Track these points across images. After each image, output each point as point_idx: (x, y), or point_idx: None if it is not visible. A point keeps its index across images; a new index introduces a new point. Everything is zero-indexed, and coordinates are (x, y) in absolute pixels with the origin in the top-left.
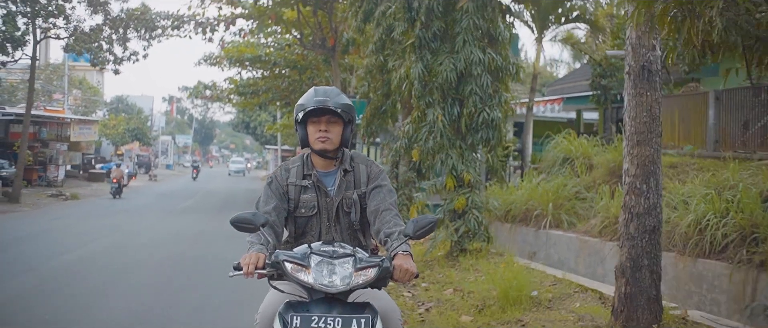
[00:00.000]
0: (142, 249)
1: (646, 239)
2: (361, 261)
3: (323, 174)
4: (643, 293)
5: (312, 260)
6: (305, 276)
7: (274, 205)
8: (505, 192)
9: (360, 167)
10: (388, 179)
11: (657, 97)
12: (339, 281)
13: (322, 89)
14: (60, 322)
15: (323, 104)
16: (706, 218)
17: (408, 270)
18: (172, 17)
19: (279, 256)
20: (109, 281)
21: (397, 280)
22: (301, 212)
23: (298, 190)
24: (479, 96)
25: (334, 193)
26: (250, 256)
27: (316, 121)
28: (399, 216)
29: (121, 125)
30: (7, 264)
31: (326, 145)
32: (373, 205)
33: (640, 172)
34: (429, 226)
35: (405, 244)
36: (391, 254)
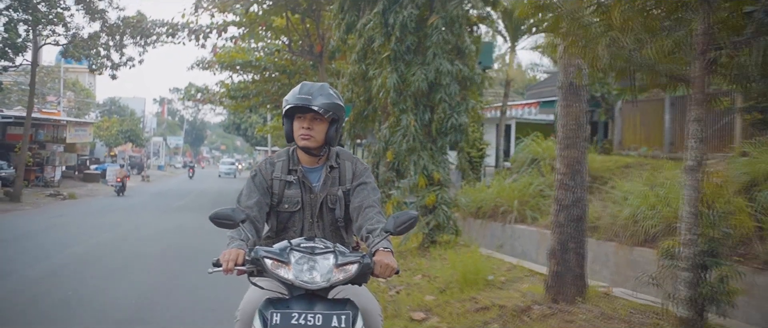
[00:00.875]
0: (145, 242)
1: (573, 227)
2: (341, 257)
3: (308, 170)
4: (569, 272)
5: (292, 256)
6: (285, 272)
7: (256, 199)
8: (477, 191)
9: (345, 164)
10: (373, 176)
11: (583, 107)
12: (319, 278)
13: (309, 86)
14: (74, 307)
15: (305, 103)
16: (639, 211)
17: (388, 265)
18: (167, 25)
19: (259, 252)
20: (117, 270)
21: (377, 276)
22: (285, 207)
23: (283, 185)
24: (448, 103)
25: (318, 189)
26: (230, 252)
27: (301, 118)
28: (381, 213)
29: (114, 127)
30: (18, 258)
31: (309, 143)
32: (357, 202)
33: (568, 170)
34: (409, 222)
35: (386, 240)
36: (371, 250)
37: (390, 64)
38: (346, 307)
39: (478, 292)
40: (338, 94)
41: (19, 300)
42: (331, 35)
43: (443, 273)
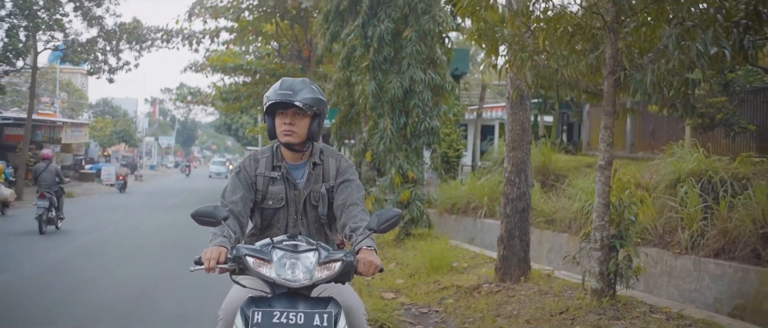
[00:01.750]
0: (144, 237)
1: (518, 217)
2: (324, 255)
3: (292, 166)
4: (514, 256)
5: (274, 254)
6: (267, 270)
7: (240, 195)
8: (453, 188)
9: (329, 160)
10: (357, 173)
11: (527, 115)
12: (302, 276)
13: (289, 81)
14: (83, 293)
15: (286, 99)
16: (587, 204)
17: (372, 263)
18: (162, 31)
19: (241, 250)
20: (120, 261)
21: (361, 274)
22: (269, 203)
23: (267, 181)
24: (421, 108)
25: (302, 186)
26: (212, 250)
27: (283, 114)
28: (365, 211)
29: (108, 128)
30: (26, 253)
31: (292, 139)
32: (340, 199)
33: (514, 169)
34: (393, 219)
35: (369, 238)
36: (355, 248)
37: (369, 73)
38: (329, 305)
39: (443, 276)
40: (319, 89)
41: (35, 285)
42: (319, 41)
43: (414, 261)
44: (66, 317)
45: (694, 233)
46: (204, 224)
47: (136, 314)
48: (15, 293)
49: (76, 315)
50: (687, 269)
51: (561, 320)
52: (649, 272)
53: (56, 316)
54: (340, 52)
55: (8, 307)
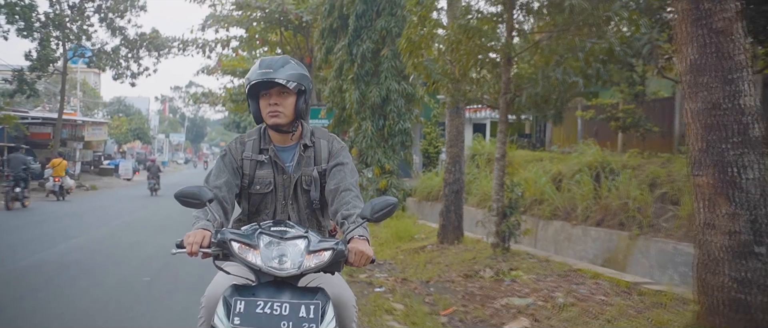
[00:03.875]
0: (168, 217)
1: (453, 196)
2: (314, 243)
3: (281, 149)
4: (450, 225)
5: (261, 239)
6: (253, 257)
7: (225, 179)
8: (429, 179)
9: (321, 142)
10: (351, 156)
11: (462, 121)
12: (289, 264)
13: (268, 60)
14: (137, 248)
15: (267, 77)
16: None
17: (363, 253)
18: (179, 41)
19: (225, 234)
20: (152, 233)
21: (352, 264)
22: (256, 188)
23: (254, 165)
24: (396, 113)
25: (291, 169)
26: (195, 233)
27: (266, 95)
28: (359, 198)
29: (124, 126)
30: (84, 224)
31: (279, 120)
32: (333, 183)
33: (451, 161)
34: (388, 208)
35: (362, 227)
36: (347, 237)
37: (354, 84)
38: (316, 296)
39: (404, 243)
40: (301, 64)
41: (99, 247)
42: (317, 52)
43: (385, 234)
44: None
45: (585, 209)
46: (188, 205)
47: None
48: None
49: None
50: (579, 235)
51: (468, 262)
52: (557, 238)
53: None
54: (334, 62)
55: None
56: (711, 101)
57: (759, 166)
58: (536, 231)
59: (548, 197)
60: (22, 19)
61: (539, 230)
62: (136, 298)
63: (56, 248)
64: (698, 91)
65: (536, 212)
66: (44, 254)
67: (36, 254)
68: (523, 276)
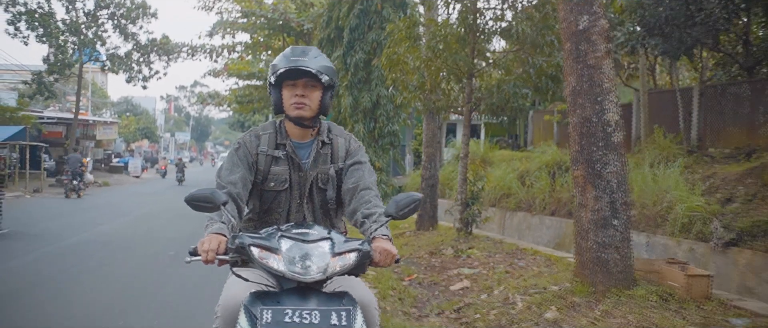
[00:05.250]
0: (180, 210)
1: (429, 190)
2: (338, 245)
3: (298, 145)
4: (426, 215)
5: (282, 243)
6: (275, 263)
7: (240, 174)
8: (419, 176)
9: (338, 140)
10: (368, 156)
11: (437, 125)
12: (315, 269)
13: (300, 48)
14: (155, 232)
15: (300, 65)
16: (493, 186)
17: (389, 252)
18: (188, 46)
19: (244, 240)
20: (170, 220)
21: (377, 264)
22: (270, 185)
23: (269, 160)
24: (385, 117)
25: (308, 167)
26: (210, 239)
27: (292, 85)
28: (378, 196)
29: (132, 125)
30: (98, 217)
31: (303, 112)
32: (351, 182)
33: (428, 159)
34: (413, 205)
35: (384, 227)
36: (369, 237)
37: (348, 90)
38: (344, 301)
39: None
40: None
41: (124, 234)
42: None
43: None
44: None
45: (542, 201)
46: (200, 209)
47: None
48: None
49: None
50: (537, 223)
51: (436, 244)
52: (520, 226)
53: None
54: None
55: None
56: (584, 116)
57: (617, 163)
58: (504, 221)
59: (514, 192)
60: (41, 26)
61: (506, 219)
62: (165, 267)
63: (97, 229)
64: (576, 109)
65: (504, 204)
66: (90, 233)
67: (86, 232)
68: (477, 253)
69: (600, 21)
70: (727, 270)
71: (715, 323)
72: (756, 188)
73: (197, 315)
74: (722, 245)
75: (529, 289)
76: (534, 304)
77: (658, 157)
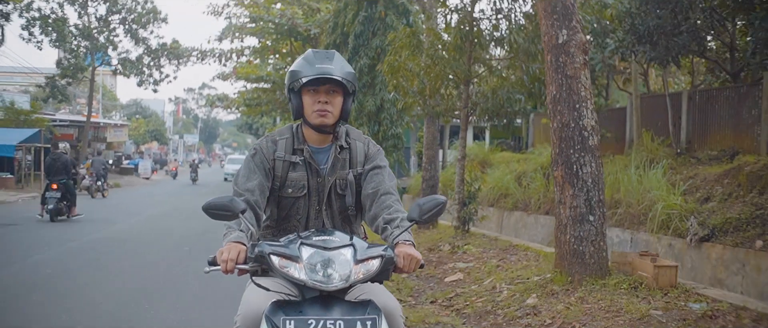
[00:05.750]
0: (195, 209)
1: (429, 190)
2: (361, 251)
3: (316, 150)
4: None
5: (303, 251)
6: (296, 272)
7: (257, 181)
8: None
9: (357, 144)
10: (387, 160)
11: (438, 128)
12: (337, 277)
13: (323, 53)
14: (173, 228)
15: (326, 73)
16: (491, 187)
17: (413, 257)
18: (198, 50)
19: (264, 248)
20: (182, 219)
21: (401, 271)
22: (288, 192)
23: (287, 166)
24: (389, 120)
25: (326, 172)
26: (229, 248)
27: (315, 91)
28: (399, 201)
29: (142, 127)
30: (117, 215)
31: (326, 120)
32: (371, 187)
33: (428, 161)
34: (437, 208)
35: (407, 232)
36: (392, 242)
37: None
38: (369, 309)
39: None
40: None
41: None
42: None
43: None
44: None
45: (537, 201)
46: (218, 218)
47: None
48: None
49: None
50: (532, 222)
51: (435, 240)
52: (517, 225)
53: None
54: None
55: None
56: (563, 122)
57: (592, 164)
58: (501, 220)
59: (511, 192)
60: (54, 31)
61: (504, 219)
62: (181, 260)
63: (117, 226)
64: (556, 115)
65: (502, 204)
66: (113, 229)
67: (109, 227)
68: (473, 249)
69: (578, 35)
70: (700, 263)
71: (676, 307)
72: (731, 188)
73: (216, 303)
74: (697, 241)
75: (515, 279)
76: (517, 292)
77: (646, 159)
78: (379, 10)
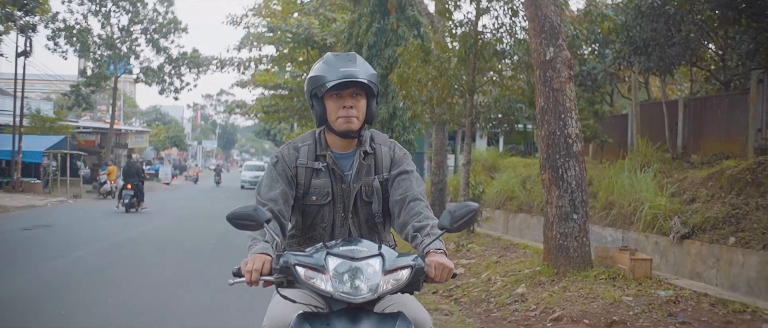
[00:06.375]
0: (215, 212)
1: (438, 193)
2: (390, 261)
3: (339, 156)
4: (436, 215)
5: (329, 262)
6: (323, 283)
7: (280, 190)
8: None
9: (382, 148)
10: (414, 164)
11: (445, 135)
12: (365, 289)
13: (344, 55)
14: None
15: (352, 76)
16: (498, 190)
17: (445, 267)
18: (217, 59)
19: (289, 259)
20: (206, 219)
21: (432, 281)
22: (312, 199)
23: (309, 173)
24: (402, 127)
25: (351, 179)
26: (254, 259)
27: (338, 96)
28: (429, 207)
29: (162, 133)
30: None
31: (352, 126)
32: (399, 194)
33: (437, 166)
34: (469, 215)
35: (438, 240)
36: (423, 251)
37: None
38: (398, 323)
39: None
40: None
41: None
42: None
43: None
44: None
45: (540, 203)
46: (242, 228)
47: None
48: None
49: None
50: (535, 224)
51: (443, 239)
52: (521, 226)
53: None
54: None
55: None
56: (550, 130)
57: (576, 168)
58: (507, 221)
59: (516, 195)
60: (79, 41)
61: (509, 220)
62: (205, 256)
63: (145, 227)
64: (544, 124)
65: (508, 207)
66: (139, 230)
67: (136, 228)
68: (476, 247)
69: (563, 52)
70: (682, 259)
71: (645, 295)
72: (714, 190)
73: (239, 294)
74: (679, 238)
75: (508, 272)
76: (509, 283)
77: (641, 163)
78: (391, 21)
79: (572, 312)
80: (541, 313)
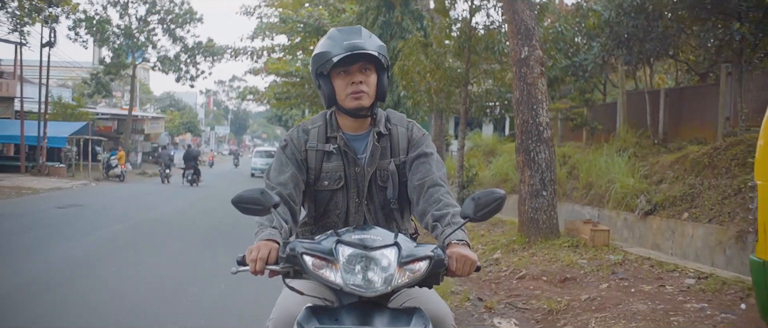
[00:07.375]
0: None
1: None
2: (406, 252)
3: (352, 137)
4: None
5: (340, 251)
6: (332, 274)
7: (290, 174)
8: None
9: (398, 129)
10: (434, 146)
11: (444, 123)
12: (379, 281)
13: (348, 29)
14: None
15: (359, 48)
16: (493, 173)
17: (468, 259)
18: (232, 49)
19: (296, 247)
20: (221, 202)
21: (454, 274)
22: (324, 184)
23: (320, 156)
24: (406, 114)
25: (365, 162)
26: (259, 247)
27: (346, 72)
28: (451, 194)
29: (176, 119)
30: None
31: (363, 102)
32: (417, 178)
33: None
34: (495, 203)
35: (461, 230)
36: (443, 242)
37: None
38: (414, 319)
39: None
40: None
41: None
42: None
43: None
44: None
45: None
46: (248, 212)
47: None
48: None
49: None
50: None
51: None
52: (514, 207)
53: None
54: None
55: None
56: (524, 119)
57: (546, 151)
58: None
59: (510, 177)
60: (98, 31)
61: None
62: (223, 234)
63: (162, 208)
64: (519, 114)
65: (502, 188)
66: (163, 209)
67: (165, 206)
68: (468, 224)
69: (536, 51)
70: (645, 232)
71: (598, 258)
72: (679, 172)
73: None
74: (643, 214)
75: (489, 242)
76: (488, 250)
77: (619, 148)
78: (395, 15)
79: (534, 272)
80: (510, 273)
